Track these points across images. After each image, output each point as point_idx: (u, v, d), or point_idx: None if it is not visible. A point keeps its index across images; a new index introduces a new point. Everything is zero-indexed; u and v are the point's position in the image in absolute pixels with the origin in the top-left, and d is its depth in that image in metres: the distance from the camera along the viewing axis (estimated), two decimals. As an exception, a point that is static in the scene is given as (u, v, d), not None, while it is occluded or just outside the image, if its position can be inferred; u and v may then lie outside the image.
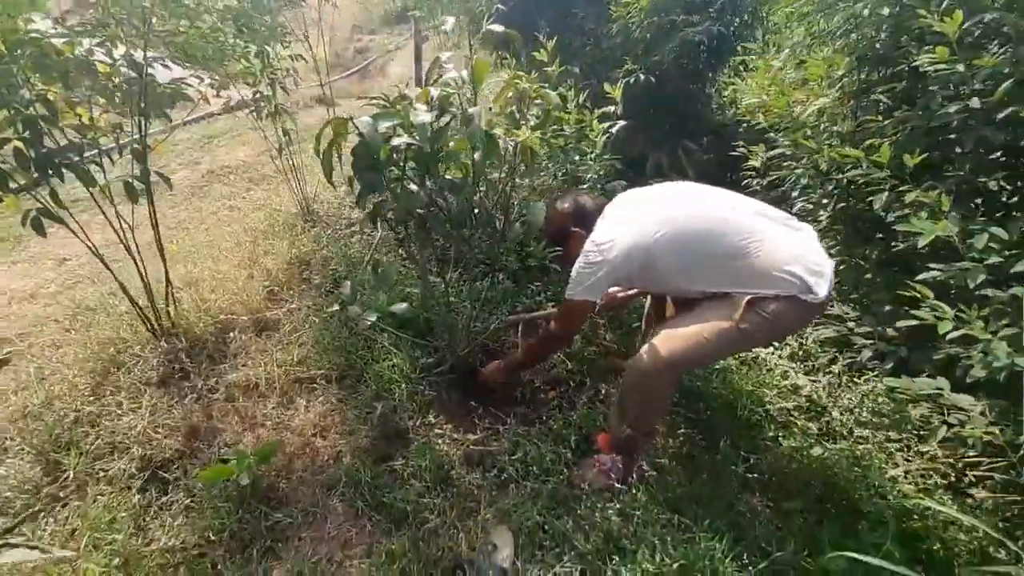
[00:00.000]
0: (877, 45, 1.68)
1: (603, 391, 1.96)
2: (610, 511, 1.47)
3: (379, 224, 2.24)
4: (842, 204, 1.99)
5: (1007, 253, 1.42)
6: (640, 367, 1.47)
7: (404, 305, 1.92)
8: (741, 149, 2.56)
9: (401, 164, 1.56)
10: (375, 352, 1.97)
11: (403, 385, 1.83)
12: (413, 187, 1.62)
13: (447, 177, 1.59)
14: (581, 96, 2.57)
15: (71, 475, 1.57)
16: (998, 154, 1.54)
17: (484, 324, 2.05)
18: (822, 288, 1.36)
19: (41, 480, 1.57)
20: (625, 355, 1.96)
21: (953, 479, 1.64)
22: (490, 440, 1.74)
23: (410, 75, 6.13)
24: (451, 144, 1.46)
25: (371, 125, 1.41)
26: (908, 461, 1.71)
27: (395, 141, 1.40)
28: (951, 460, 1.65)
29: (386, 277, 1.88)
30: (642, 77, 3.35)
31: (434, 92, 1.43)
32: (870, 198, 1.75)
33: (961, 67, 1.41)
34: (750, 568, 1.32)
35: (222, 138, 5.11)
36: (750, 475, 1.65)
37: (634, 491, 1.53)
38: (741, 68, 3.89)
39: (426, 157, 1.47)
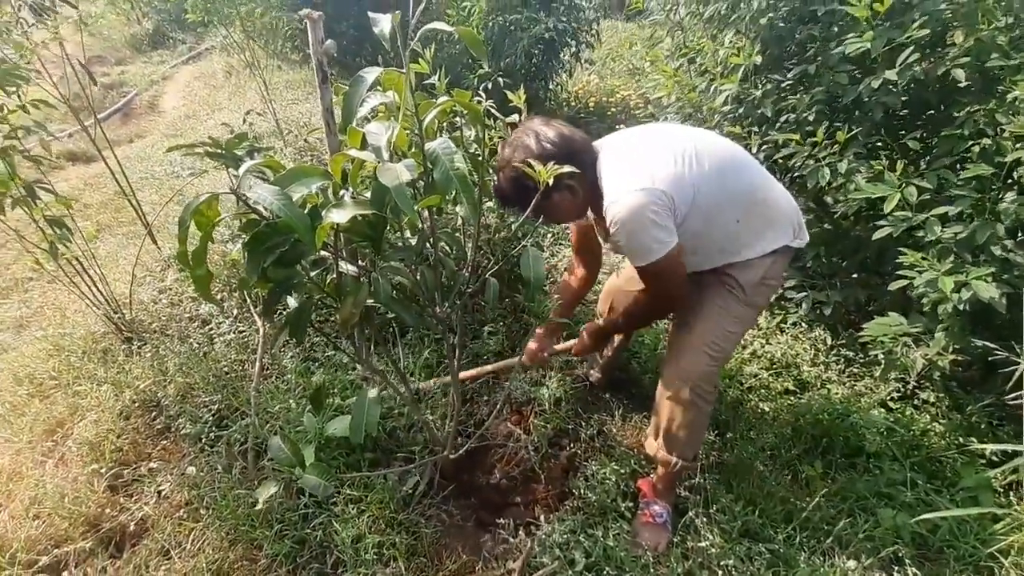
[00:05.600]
0: (775, 25, 1.75)
1: (606, 419, 1.73)
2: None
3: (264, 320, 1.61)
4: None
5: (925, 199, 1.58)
6: (678, 388, 1.30)
7: (346, 421, 1.38)
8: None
9: (334, 244, 1.05)
10: (341, 513, 1.34)
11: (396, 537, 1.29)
12: (350, 268, 1.12)
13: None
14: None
15: None
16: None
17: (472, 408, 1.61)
18: (805, 231, 1.33)
19: None
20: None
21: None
22: (532, 554, 1.34)
23: (184, 109, 4.94)
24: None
25: (282, 196, 0.88)
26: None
27: (336, 216, 0.89)
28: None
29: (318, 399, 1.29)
30: (501, 81, 3.28)
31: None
32: (798, 173, 1.81)
33: (869, 44, 1.51)
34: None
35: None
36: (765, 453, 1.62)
37: (697, 531, 1.35)
38: (575, 62, 4.13)
39: (381, 227, 0.99)
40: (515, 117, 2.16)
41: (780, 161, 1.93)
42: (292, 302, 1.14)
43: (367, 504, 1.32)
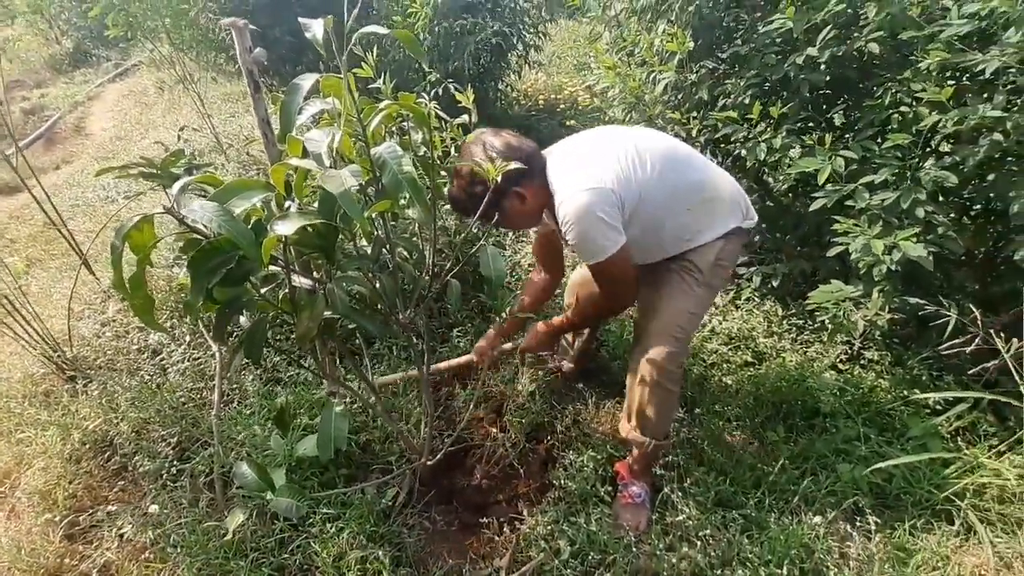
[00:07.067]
0: (703, 12, 1.82)
1: (580, 409, 1.75)
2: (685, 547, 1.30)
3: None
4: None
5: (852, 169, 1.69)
6: (647, 372, 1.35)
7: (311, 440, 1.35)
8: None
9: (284, 257, 1.02)
10: (319, 533, 1.30)
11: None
12: (303, 282, 1.09)
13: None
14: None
15: None
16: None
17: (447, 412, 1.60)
18: (753, 211, 1.40)
19: None
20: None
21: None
22: (518, 549, 1.35)
23: (114, 130, 4.67)
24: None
25: (222, 212, 0.85)
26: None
27: (281, 228, 0.87)
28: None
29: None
30: (451, 86, 3.26)
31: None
32: (737, 152, 1.89)
33: (791, 23, 1.60)
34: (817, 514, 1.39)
35: None
36: (731, 424, 1.68)
37: (674, 506, 1.41)
38: (523, 63, 4.15)
39: (331, 236, 0.97)
40: (464, 118, 2.17)
41: (722, 145, 2.01)
42: (244, 322, 1.10)
43: (346, 521, 1.30)
